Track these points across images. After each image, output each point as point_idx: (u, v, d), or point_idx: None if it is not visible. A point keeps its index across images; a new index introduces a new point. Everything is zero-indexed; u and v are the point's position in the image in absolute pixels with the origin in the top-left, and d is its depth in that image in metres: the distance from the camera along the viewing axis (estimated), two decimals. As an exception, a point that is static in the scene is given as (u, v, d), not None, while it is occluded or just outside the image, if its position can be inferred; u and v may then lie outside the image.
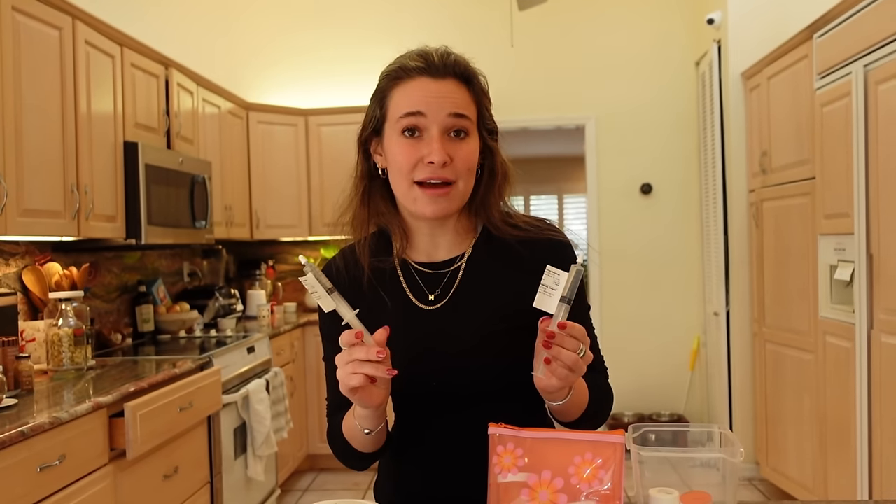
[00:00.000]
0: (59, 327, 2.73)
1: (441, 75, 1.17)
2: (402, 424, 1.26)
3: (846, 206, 2.97)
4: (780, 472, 3.77)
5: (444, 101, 1.15)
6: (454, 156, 1.14)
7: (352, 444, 1.21)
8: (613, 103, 5.05)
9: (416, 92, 1.16)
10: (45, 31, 2.64)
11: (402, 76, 1.18)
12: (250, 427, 3.44)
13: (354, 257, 1.27)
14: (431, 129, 1.14)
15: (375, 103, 1.21)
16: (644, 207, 5.03)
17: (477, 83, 1.20)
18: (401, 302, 1.22)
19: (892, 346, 2.68)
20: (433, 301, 1.22)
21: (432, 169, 1.13)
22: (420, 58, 1.18)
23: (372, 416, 1.12)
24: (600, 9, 5.10)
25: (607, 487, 1.02)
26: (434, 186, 1.14)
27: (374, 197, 1.25)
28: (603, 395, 1.23)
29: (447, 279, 1.23)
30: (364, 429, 1.14)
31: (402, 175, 1.16)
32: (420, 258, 1.25)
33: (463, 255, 1.24)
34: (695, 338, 4.99)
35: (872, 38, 2.74)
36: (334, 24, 5.22)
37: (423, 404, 1.21)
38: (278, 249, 5.28)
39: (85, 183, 2.84)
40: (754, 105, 3.98)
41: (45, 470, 1.99)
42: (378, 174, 1.24)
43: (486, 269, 1.23)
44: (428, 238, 1.25)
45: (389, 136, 1.18)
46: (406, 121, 1.15)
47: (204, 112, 4.04)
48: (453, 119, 1.15)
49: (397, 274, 1.24)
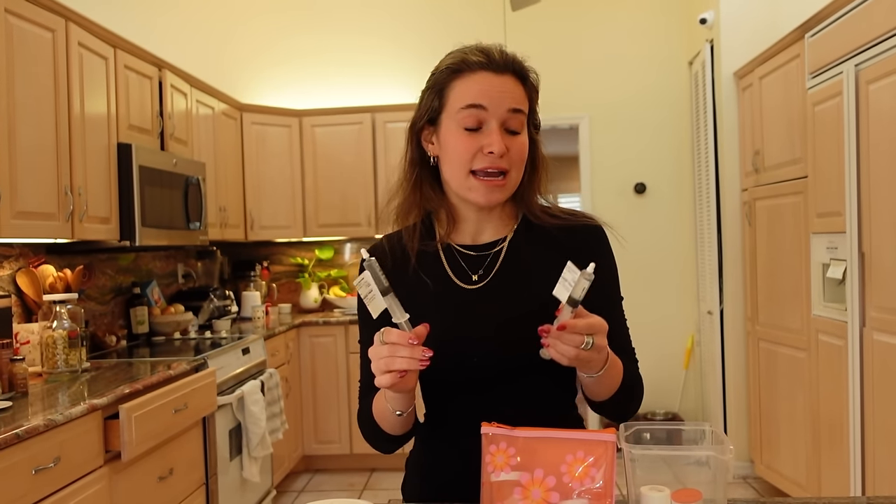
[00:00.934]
0: (53, 329, 2.73)
1: (501, 71, 1.21)
2: (433, 404, 1.29)
3: (838, 204, 2.98)
4: (774, 470, 3.79)
5: (504, 95, 1.20)
6: (510, 147, 1.20)
7: (381, 427, 1.24)
8: (607, 103, 5.07)
9: (478, 85, 1.20)
10: (38, 33, 2.64)
11: (463, 69, 1.22)
12: (245, 428, 3.44)
13: (402, 244, 1.31)
14: (491, 121, 1.19)
15: (434, 94, 1.25)
16: (638, 207, 5.05)
17: (531, 81, 1.26)
18: (442, 283, 1.27)
19: (884, 343, 2.69)
20: (476, 281, 1.27)
21: (491, 159, 1.19)
22: (481, 53, 1.23)
23: (403, 399, 1.15)
24: (593, 9, 5.11)
25: (599, 485, 1.03)
26: (491, 176, 1.20)
27: (423, 183, 1.30)
28: (633, 381, 1.26)
29: (489, 260, 1.28)
30: (396, 410, 1.17)
31: (459, 164, 1.21)
32: (464, 241, 1.31)
33: (505, 239, 1.29)
34: (689, 336, 5.01)
35: (863, 38, 2.75)
36: (328, 25, 5.22)
37: (457, 382, 1.23)
38: (273, 250, 5.28)
39: (79, 185, 2.84)
40: (747, 104, 4.00)
41: (39, 472, 2.00)
42: (428, 162, 1.29)
43: (526, 251, 1.28)
44: (475, 223, 1.30)
45: (448, 126, 1.23)
46: (467, 112, 1.20)
47: (198, 113, 4.04)
48: (511, 114, 1.20)
49: (440, 256, 1.29)
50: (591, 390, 1.19)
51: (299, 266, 5.23)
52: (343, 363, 4.61)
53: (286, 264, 5.29)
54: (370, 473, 4.55)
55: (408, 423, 1.22)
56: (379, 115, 4.89)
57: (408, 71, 5.19)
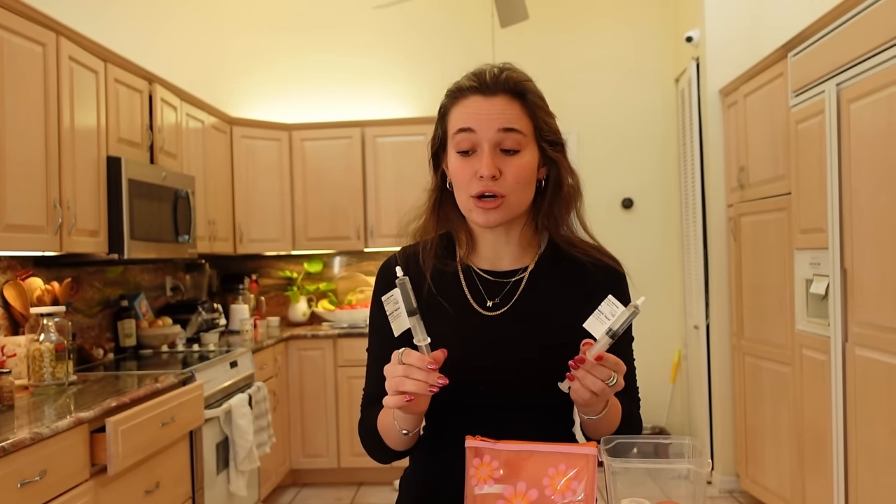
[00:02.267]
0: (40, 342, 2.73)
1: (492, 92, 1.22)
2: (433, 422, 1.28)
3: (821, 221, 3.03)
4: (760, 484, 3.81)
5: (492, 117, 1.20)
6: (504, 170, 1.20)
7: (384, 440, 1.23)
8: (594, 119, 5.12)
9: (468, 109, 1.22)
10: (28, 46, 2.65)
11: (458, 95, 1.25)
12: (233, 442, 3.44)
13: (417, 259, 1.31)
14: (482, 144, 1.20)
15: (438, 121, 1.29)
16: (625, 221, 5.10)
17: (530, 97, 1.24)
18: (459, 305, 1.27)
19: (865, 358, 2.73)
20: (491, 308, 1.26)
21: (484, 183, 1.19)
22: (474, 77, 1.24)
23: (412, 419, 1.16)
24: (581, 26, 5.18)
25: (581, 498, 1.04)
26: (486, 199, 1.20)
27: (444, 206, 1.32)
28: (633, 421, 1.29)
29: (508, 289, 1.28)
30: (403, 430, 1.17)
31: (461, 188, 1.23)
32: (483, 265, 1.31)
33: (526, 269, 1.29)
34: (676, 350, 5.04)
35: (845, 58, 2.81)
36: (318, 40, 5.25)
37: (461, 404, 1.22)
38: (261, 264, 5.29)
39: (68, 198, 2.84)
40: (732, 121, 4.06)
41: (25, 486, 1.99)
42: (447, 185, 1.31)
43: (546, 284, 1.28)
44: (491, 247, 1.30)
45: (450, 152, 1.25)
46: (459, 137, 1.22)
47: (187, 127, 4.05)
48: (502, 134, 1.20)
49: (459, 278, 1.29)
50: (588, 429, 1.21)
51: (288, 279, 5.24)
52: (331, 377, 4.61)
53: (275, 277, 5.29)
54: (357, 487, 4.54)
55: (412, 441, 1.22)
56: (368, 130, 4.92)
57: (397, 86, 5.23)
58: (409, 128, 4.88)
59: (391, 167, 4.89)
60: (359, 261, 5.28)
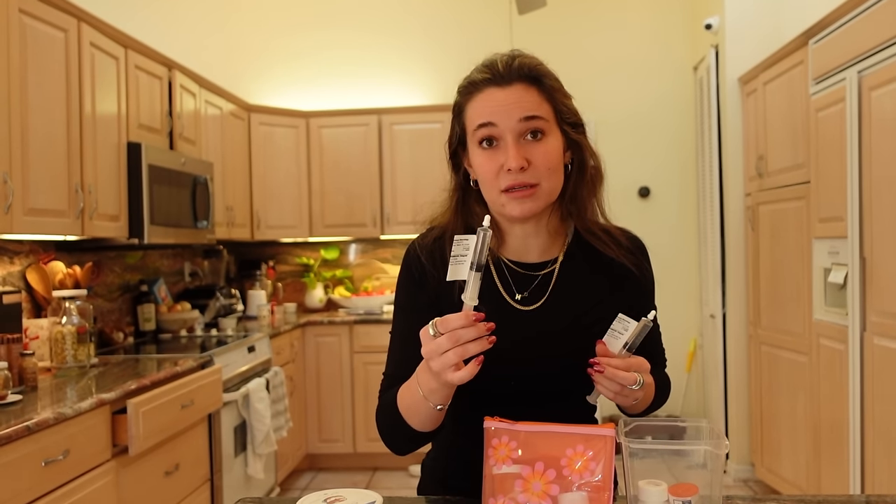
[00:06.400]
0: (62, 325, 2.77)
1: (507, 82, 1.18)
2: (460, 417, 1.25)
3: (840, 210, 3.01)
4: (775, 473, 3.80)
5: (511, 107, 1.17)
6: (532, 158, 1.17)
7: (409, 422, 1.17)
8: (612, 107, 5.09)
9: (485, 103, 1.19)
10: (50, 32, 2.68)
11: (472, 90, 1.21)
12: (250, 425, 3.48)
13: (442, 251, 1.26)
14: (506, 136, 1.17)
15: (454, 119, 1.26)
16: (642, 210, 5.08)
17: (546, 81, 1.21)
18: (491, 298, 1.24)
19: (884, 348, 2.72)
20: (520, 301, 1.25)
21: (513, 176, 1.16)
22: (486, 68, 1.21)
23: (448, 392, 1.09)
24: (599, 13, 5.15)
25: (598, 479, 1.05)
26: (518, 189, 1.17)
27: (468, 204, 1.29)
28: (665, 386, 1.34)
29: (538, 282, 1.26)
30: (437, 405, 1.10)
31: (488, 184, 1.20)
32: (511, 256, 1.29)
33: (555, 260, 1.28)
34: (692, 339, 5.03)
35: (866, 45, 2.78)
36: (336, 26, 5.26)
37: (491, 399, 1.21)
38: (278, 250, 5.32)
39: (89, 183, 2.88)
40: (751, 109, 4.03)
41: (49, 464, 2.03)
42: (469, 184, 1.28)
43: (576, 275, 1.27)
44: (520, 240, 1.28)
45: (472, 148, 1.22)
46: (480, 132, 1.19)
47: (206, 113, 4.08)
48: (525, 123, 1.17)
49: (490, 270, 1.26)
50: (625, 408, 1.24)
51: (305, 266, 5.27)
52: (347, 363, 4.64)
53: (292, 264, 5.33)
54: (373, 472, 4.58)
55: (439, 418, 1.15)
56: (385, 117, 4.93)
57: (415, 74, 5.22)
58: (426, 115, 4.88)
59: (408, 155, 4.90)
60: (375, 248, 5.30)
